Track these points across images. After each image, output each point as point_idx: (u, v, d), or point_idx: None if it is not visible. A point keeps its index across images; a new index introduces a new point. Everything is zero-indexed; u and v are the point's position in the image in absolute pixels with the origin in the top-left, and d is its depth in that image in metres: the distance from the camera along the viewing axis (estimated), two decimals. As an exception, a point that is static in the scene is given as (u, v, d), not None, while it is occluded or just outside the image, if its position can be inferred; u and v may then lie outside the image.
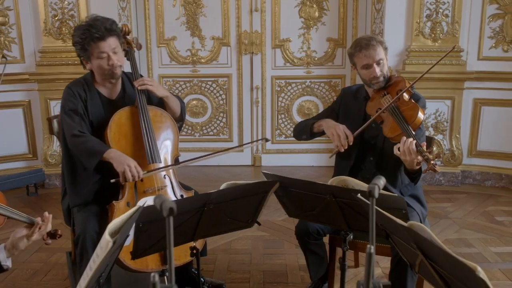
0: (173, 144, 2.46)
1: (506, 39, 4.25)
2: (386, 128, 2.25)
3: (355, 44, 2.35)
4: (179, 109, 2.53)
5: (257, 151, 5.05)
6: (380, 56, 2.29)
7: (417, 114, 2.18)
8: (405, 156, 2.05)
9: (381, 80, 2.32)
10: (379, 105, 2.29)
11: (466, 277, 1.08)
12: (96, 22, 2.25)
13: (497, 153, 4.41)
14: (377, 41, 2.30)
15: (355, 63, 2.37)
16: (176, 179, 2.41)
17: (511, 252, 3.16)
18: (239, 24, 4.79)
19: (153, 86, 2.40)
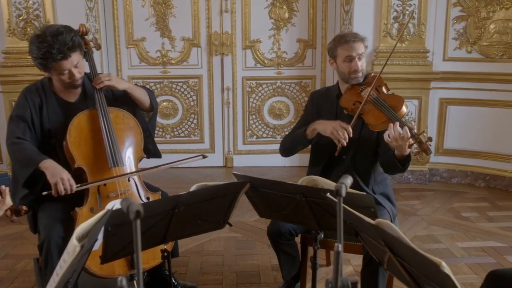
0: (137, 146, 2.41)
1: (470, 40, 4.38)
2: (369, 116, 2.25)
3: (339, 37, 2.39)
4: (147, 98, 2.47)
5: (229, 152, 5.04)
6: (362, 51, 2.35)
7: (403, 103, 2.23)
8: (397, 141, 2.05)
9: (360, 75, 2.36)
10: (358, 98, 2.31)
11: (432, 272, 1.10)
12: (57, 40, 2.13)
13: (463, 151, 4.54)
14: (360, 37, 2.37)
15: (337, 56, 2.38)
16: (141, 181, 2.38)
17: (476, 247, 3.26)
18: (209, 25, 4.77)
19: (112, 80, 2.33)
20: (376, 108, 2.23)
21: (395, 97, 2.29)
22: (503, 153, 4.38)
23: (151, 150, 2.58)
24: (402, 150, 2.09)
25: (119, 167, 2.26)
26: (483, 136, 4.42)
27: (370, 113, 2.25)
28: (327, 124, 2.29)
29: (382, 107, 2.21)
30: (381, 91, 2.32)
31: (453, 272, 2.97)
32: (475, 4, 4.31)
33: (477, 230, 3.54)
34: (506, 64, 4.25)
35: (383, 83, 2.35)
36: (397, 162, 2.19)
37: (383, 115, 2.18)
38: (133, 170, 2.35)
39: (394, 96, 2.31)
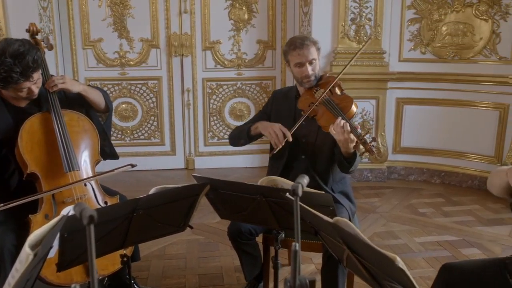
0: (93, 149, 2.35)
1: (423, 42, 4.52)
2: (321, 118, 2.30)
3: (290, 42, 2.41)
4: (102, 100, 2.42)
5: (190, 154, 5.00)
6: (313, 56, 2.37)
7: (351, 105, 2.27)
8: (339, 136, 2.10)
9: (312, 79, 2.39)
10: (312, 99, 2.35)
11: (387, 268, 1.13)
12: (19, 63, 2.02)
13: (419, 149, 4.68)
14: (311, 41, 2.38)
15: (289, 61, 2.42)
16: (99, 186, 2.32)
17: (433, 241, 3.37)
18: (168, 26, 4.72)
19: (66, 83, 2.27)
20: (327, 110, 2.29)
21: (345, 98, 2.34)
22: (456, 150, 4.55)
23: (108, 152, 2.52)
24: (347, 147, 2.14)
25: (74, 171, 2.20)
26: (437, 134, 4.58)
27: (323, 115, 2.29)
28: (270, 126, 2.36)
29: (333, 108, 2.27)
30: (334, 92, 2.36)
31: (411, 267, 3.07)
32: (428, 7, 4.46)
33: (433, 225, 3.66)
34: (458, 65, 4.42)
35: (336, 83, 2.39)
36: (343, 160, 2.24)
37: (333, 117, 2.23)
38: (90, 175, 2.29)
39: (344, 97, 2.35)
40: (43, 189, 2.15)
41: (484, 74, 4.30)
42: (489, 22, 4.28)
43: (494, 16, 4.24)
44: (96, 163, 2.38)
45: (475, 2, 4.30)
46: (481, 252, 3.20)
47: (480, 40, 4.34)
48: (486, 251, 3.21)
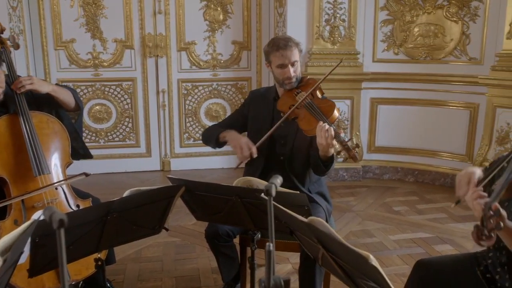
0: (63, 151, 2.30)
1: (396, 42, 4.60)
2: (303, 121, 2.29)
3: (272, 43, 2.40)
4: (72, 99, 2.38)
5: (166, 155, 4.96)
6: (295, 58, 2.36)
7: (334, 110, 2.27)
8: (322, 140, 2.10)
9: (293, 81, 2.39)
10: (293, 101, 2.34)
11: (361, 266, 1.14)
12: None
13: (393, 148, 4.76)
14: (294, 43, 2.37)
15: (271, 61, 2.41)
16: (70, 189, 2.28)
17: (407, 239, 3.42)
18: (142, 27, 4.68)
19: (34, 84, 2.22)
20: (309, 113, 2.27)
21: (327, 103, 2.33)
22: (429, 149, 4.64)
23: (81, 152, 2.47)
24: (326, 151, 2.15)
25: (44, 175, 2.15)
26: (411, 133, 4.66)
27: (304, 118, 2.28)
28: (236, 140, 2.37)
29: (315, 112, 2.26)
30: (315, 95, 2.36)
31: (386, 264, 3.10)
32: (400, 8, 4.54)
33: (408, 223, 3.72)
34: (429, 65, 4.51)
35: (318, 87, 2.40)
36: (320, 163, 2.25)
37: (316, 120, 2.22)
38: (61, 178, 2.25)
39: (327, 102, 2.35)
40: (12, 194, 2.09)
41: (455, 74, 4.40)
42: (459, 23, 4.38)
43: (464, 17, 4.34)
44: (67, 166, 2.33)
45: (445, 4, 4.40)
46: (453, 248, 3.27)
47: (451, 41, 4.44)
48: (458, 247, 3.28)
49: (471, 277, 1.73)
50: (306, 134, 2.27)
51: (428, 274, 1.80)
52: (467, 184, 1.57)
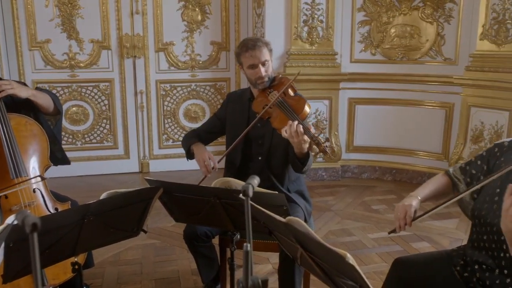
0: (42, 154, 2.27)
1: (373, 43, 4.66)
2: (275, 120, 2.30)
3: (242, 44, 2.41)
4: (51, 103, 2.36)
5: (145, 157, 4.92)
6: (266, 57, 2.37)
7: (304, 106, 2.28)
8: (293, 138, 2.11)
9: (266, 80, 2.40)
10: (266, 101, 2.36)
11: (339, 265, 1.15)
12: None
13: (371, 147, 4.81)
14: (263, 43, 2.38)
15: (242, 63, 2.42)
16: (48, 192, 2.24)
17: (385, 237, 3.46)
18: (119, 27, 4.63)
19: (14, 89, 2.19)
20: (281, 112, 2.28)
21: (298, 100, 2.34)
22: (406, 148, 4.71)
23: (59, 157, 2.44)
24: (300, 148, 2.16)
25: (22, 177, 2.11)
26: (388, 133, 4.73)
27: (277, 118, 2.29)
28: (199, 153, 2.44)
29: (286, 110, 2.27)
30: (287, 93, 2.37)
31: (365, 262, 3.13)
32: (377, 9, 4.59)
33: (386, 221, 3.76)
34: (406, 65, 4.58)
35: (290, 85, 2.41)
36: (296, 160, 2.26)
37: (287, 118, 2.23)
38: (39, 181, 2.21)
39: (298, 99, 2.35)
40: (-11, 196, 2.05)
41: (431, 74, 4.47)
42: (434, 24, 4.45)
43: (439, 19, 4.42)
44: (46, 169, 2.30)
45: (421, 5, 4.47)
46: (430, 245, 3.32)
47: (426, 42, 4.51)
48: (435, 244, 3.34)
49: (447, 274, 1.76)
50: (279, 132, 2.29)
51: (405, 272, 1.83)
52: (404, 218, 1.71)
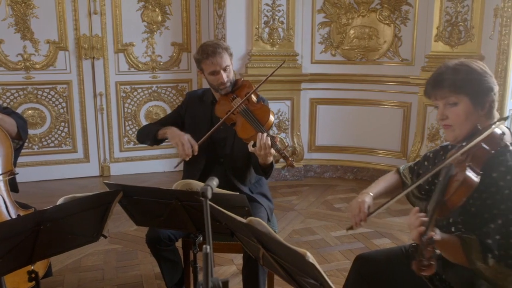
0: (5, 159, 2.20)
1: (333, 44, 4.73)
2: (240, 129, 2.29)
3: (201, 51, 2.38)
4: (14, 128, 2.29)
5: (105, 160, 4.81)
6: (227, 63, 2.36)
7: (269, 115, 2.28)
8: (261, 151, 2.12)
9: (228, 85, 2.40)
10: (229, 107, 2.35)
11: (299, 263, 1.16)
12: None
13: (333, 147, 4.89)
14: (222, 48, 2.36)
15: (203, 69, 2.41)
16: (11, 199, 2.17)
17: (348, 235, 3.52)
18: (77, 27, 4.51)
19: None
20: (245, 121, 2.27)
21: (262, 108, 2.33)
22: (366, 147, 4.81)
23: None
24: (265, 159, 2.18)
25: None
26: (349, 132, 4.81)
27: (241, 126, 2.28)
28: (178, 136, 2.32)
29: (251, 120, 2.26)
30: (250, 100, 2.35)
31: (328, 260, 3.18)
32: (336, 11, 4.67)
33: (348, 219, 3.76)
34: (365, 66, 4.68)
35: (251, 88, 2.39)
36: (259, 169, 2.29)
37: (252, 128, 2.23)
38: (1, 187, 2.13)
39: (261, 107, 2.34)
40: None
41: (389, 75, 4.59)
42: (391, 26, 4.57)
43: (396, 21, 4.54)
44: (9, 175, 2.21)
45: (378, 7, 4.58)
46: (391, 242, 3.41)
47: (384, 43, 4.63)
48: (395, 240, 3.42)
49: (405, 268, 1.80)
50: (245, 141, 2.28)
51: (366, 268, 1.87)
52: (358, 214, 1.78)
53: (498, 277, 1.43)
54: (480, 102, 1.54)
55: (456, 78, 1.56)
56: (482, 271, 1.44)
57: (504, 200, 1.44)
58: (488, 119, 1.58)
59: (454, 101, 1.57)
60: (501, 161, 1.49)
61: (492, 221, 1.44)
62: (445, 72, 1.58)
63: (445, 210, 1.44)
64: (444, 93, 1.57)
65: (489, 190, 1.48)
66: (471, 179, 1.41)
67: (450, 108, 1.58)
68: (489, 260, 1.42)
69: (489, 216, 1.46)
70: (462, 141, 1.57)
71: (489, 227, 1.44)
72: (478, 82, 1.55)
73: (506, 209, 1.43)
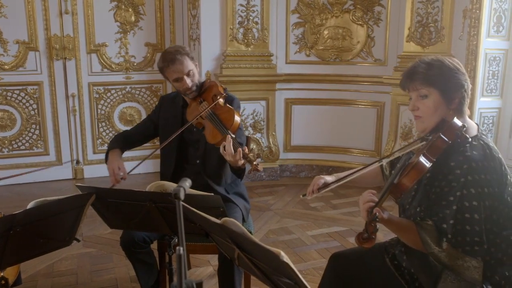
0: None
1: (308, 45, 4.77)
2: (208, 135, 2.31)
3: (162, 59, 2.38)
4: None
5: (78, 163, 4.73)
6: (189, 68, 2.35)
7: (234, 118, 2.28)
8: (229, 157, 2.14)
9: (194, 89, 2.40)
10: (197, 112, 2.36)
11: (274, 263, 1.17)
12: None
13: (308, 146, 4.92)
14: (182, 54, 2.34)
15: (167, 77, 2.42)
16: None
17: (323, 233, 3.56)
18: (48, 27, 4.42)
19: None
20: (212, 125, 2.29)
21: (228, 111, 2.33)
22: (341, 146, 4.86)
23: None
24: (236, 164, 2.19)
25: None
26: (324, 132, 4.86)
27: (210, 132, 2.30)
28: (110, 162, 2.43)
29: (217, 124, 2.28)
30: (217, 103, 2.35)
31: (305, 259, 3.20)
32: (310, 11, 4.71)
33: (324, 218, 3.87)
34: (339, 66, 4.73)
35: (218, 91, 2.39)
36: (233, 173, 2.32)
37: (219, 133, 2.25)
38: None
39: (227, 110, 2.34)
40: None
41: (362, 75, 4.65)
42: (364, 27, 4.63)
43: (369, 21, 4.60)
44: None
45: (351, 8, 4.63)
46: (366, 240, 3.44)
47: (358, 44, 4.68)
48: (370, 238, 3.47)
49: (380, 265, 1.83)
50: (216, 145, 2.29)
51: (342, 266, 1.89)
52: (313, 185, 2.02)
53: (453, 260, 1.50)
54: (449, 97, 1.62)
55: (428, 72, 1.63)
56: (437, 254, 1.51)
57: (460, 187, 1.52)
58: (458, 114, 1.64)
59: (425, 94, 1.64)
60: (460, 151, 1.57)
61: (448, 207, 1.52)
62: (420, 66, 1.66)
63: (396, 191, 1.55)
64: (416, 85, 1.65)
65: (447, 178, 1.55)
66: (422, 164, 1.51)
67: (421, 100, 1.65)
68: (443, 244, 1.50)
69: (446, 203, 1.53)
70: (430, 132, 1.65)
71: (445, 213, 1.52)
72: (449, 78, 1.62)
73: (461, 196, 1.51)
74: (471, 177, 1.51)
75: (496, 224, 1.56)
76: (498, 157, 1.59)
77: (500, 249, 1.57)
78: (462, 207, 1.50)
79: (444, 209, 1.52)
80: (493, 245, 1.55)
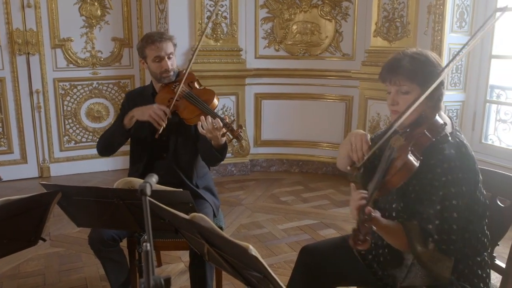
0: None
1: (277, 39, 4.78)
2: (184, 112, 2.29)
3: (146, 38, 2.38)
4: None
5: (44, 160, 4.61)
6: (171, 50, 2.37)
7: (214, 96, 2.32)
8: (211, 133, 2.13)
9: (171, 74, 2.39)
10: (172, 95, 2.33)
11: (243, 257, 1.17)
12: None
13: (278, 141, 4.95)
14: (167, 36, 2.38)
15: (146, 56, 2.38)
16: None
17: (294, 227, 3.59)
18: (9, 21, 4.28)
19: None
20: (189, 103, 2.31)
21: (207, 91, 2.39)
22: (311, 140, 4.91)
23: None
24: (218, 140, 2.19)
25: None
26: (293, 126, 4.89)
27: (186, 109, 2.30)
28: (144, 109, 2.29)
29: (195, 101, 2.30)
30: (194, 87, 2.40)
31: (276, 253, 3.22)
32: (279, 6, 4.72)
33: (294, 211, 3.90)
34: (308, 61, 4.77)
35: (194, 79, 2.44)
36: (215, 152, 2.28)
37: (197, 108, 2.27)
38: None
39: (206, 90, 2.41)
40: None
41: (331, 69, 4.70)
42: (332, 22, 4.68)
43: (336, 16, 4.65)
44: None
45: (320, 3, 4.67)
46: (336, 232, 3.50)
47: (326, 39, 4.73)
48: (340, 230, 3.52)
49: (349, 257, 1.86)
50: (188, 123, 2.30)
51: (311, 258, 1.91)
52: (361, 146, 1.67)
53: (432, 261, 1.51)
54: (430, 94, 1.57)
55: (412, 67, 1.60)
56: (420, 254, 1.51)
57: (441, 187, 1.52)
58: (434, 109, 1.63)
59: (406, 90, 1.61)
60: (440, 149, 1.56)
61: (431, 207, 1.52)
62: (403, 59, 1.62)
63: (384, 190, 1.51)
64: (399, 79, 1.61)
65: (427, 176, 1.55)
66: (412, 163, 1.48)
67: (402, 95, 1.62)
68: (429, 244, 1.51)
69: (428, 202, 1.53)
70: (407, 127, 1.62)
71: (429, 213, 1.52)
72: (432, 75, 1.58)
73: (443, 195, 1.52)
74: (451, 176, 1.52)
75: (467, 220, 1.57)
76: (472, 155, 1.60)
77: (469, 244, 1.60)
78: (445, 206, 1.51)
79: (428, 209, 1.52)
80: (462, 240, 1.57)
